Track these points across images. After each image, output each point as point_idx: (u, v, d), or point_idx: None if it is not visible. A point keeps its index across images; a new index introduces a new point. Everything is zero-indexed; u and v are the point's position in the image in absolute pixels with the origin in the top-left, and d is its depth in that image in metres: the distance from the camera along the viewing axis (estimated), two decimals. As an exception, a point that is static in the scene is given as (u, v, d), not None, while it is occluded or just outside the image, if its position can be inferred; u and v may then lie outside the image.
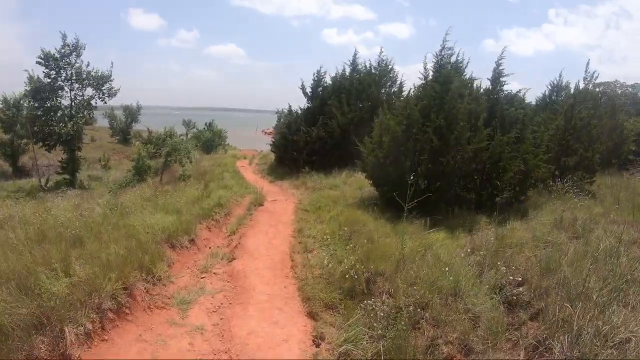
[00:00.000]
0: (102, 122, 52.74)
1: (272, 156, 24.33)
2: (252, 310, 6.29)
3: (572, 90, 18.02)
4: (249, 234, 10.06)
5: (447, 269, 6.32)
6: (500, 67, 12.29)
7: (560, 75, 20.36)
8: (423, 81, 11.66)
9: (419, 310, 5.51)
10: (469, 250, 7.84)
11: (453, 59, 11.69)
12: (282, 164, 22.33)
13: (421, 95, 11.17)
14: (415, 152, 10.59)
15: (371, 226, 9.09)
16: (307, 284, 6.96)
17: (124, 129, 49.30)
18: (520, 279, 6.24)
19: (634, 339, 4.38)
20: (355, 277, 6.43)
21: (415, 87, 12.26)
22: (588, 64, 16.39)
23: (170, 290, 6.80)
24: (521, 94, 13.20)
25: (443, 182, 10.59)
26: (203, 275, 7.56)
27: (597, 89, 25.10)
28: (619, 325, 4.58)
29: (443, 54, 11.50)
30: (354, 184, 15.63)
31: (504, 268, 6.48)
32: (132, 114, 50.39)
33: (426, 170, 10.44)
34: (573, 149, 15.03)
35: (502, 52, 12.29)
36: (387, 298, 5.95)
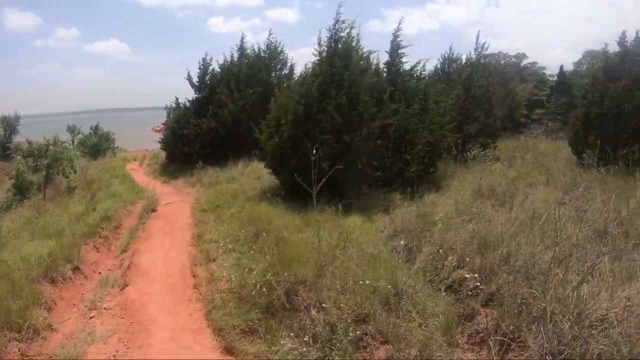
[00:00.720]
0: None
1: (164, 154, 22.58)
2: (154, 355, 5.06)
3: (463, 62, 18.42)
4: (143, 248, 8.69)
5: (377, 263, 5.47)
6: (399, 39, 11.69)
7: (450, 49, 20.75)
8: (318, 58, 10.69)
9: (359, 324, 4.54)
10: (390, 233, 7.10)
11: (349, 32, 10.63)
12: (174, 161, 20.55)
13: (317, 72, 10.22)
14: (317, 132, 9.68)
15: (278, 221, 8.02)
16: (215, 307, 5.79)
17: (2, 142, 44.73)
18: (455, 262, 5.51)
19: (612, 315, 3.70)
20: (270, 289, 5.37)
21: (306, 67, 11.31)
22: (478, 35, 16.94)
23: (53, 344, 5.35)
24: (420, 66, 12.69)
25: (349, 162, 9.74)
26: (92, 314, 6.14)
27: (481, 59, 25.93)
28: (589, 300, 3.90)
29: (337, 27, 10.53)
30: (252, 174, 14.45)
31: (439, 250, 5.76)
32: (10, 125, 45.57)
33: (330, 150, 9.57)
34: (474, 117, 14.98)
35: (400, 24, 11.73)
36: (317, 312, 4.84)
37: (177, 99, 21.11)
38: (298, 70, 19.26)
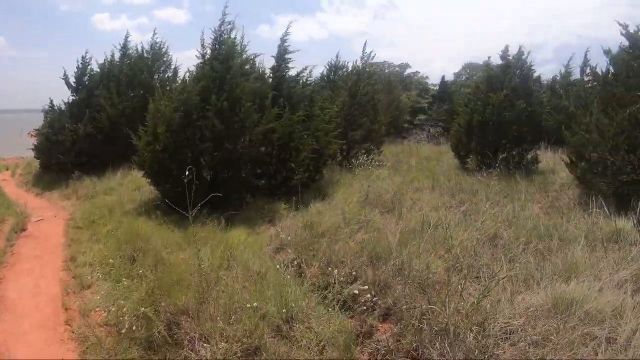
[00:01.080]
0: None
1: (37, 163, 20.81)
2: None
3: (349, 70, 18.67)
4: (10, 276, 7.64)
5: (264, 283, 5.19)
6: (286, 44, 11.49)
7: (337, 56, 20.85)
8: (201, 60, 10.20)
9: (250, 356, 4.17)
10: (277, 246, 6.85)
11: (234, 34, 10.30)
12: (48, 170, 18.81)
13: (199, 76, 9.75)
14: (197, 140, 9.23)
15: (157, 238, 7.46)
16: (90, 346, 5.10)
17: None
18: (346, 276, 5.34)
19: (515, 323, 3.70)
20: (149, 322, 4.85)
21: (189, 71, 10.80)
22: (365, 44, 17.34)
23: None
24: (307, 72, 12.56)
25: (232, 171, 9.40)
26: None
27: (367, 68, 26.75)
28: (490, 310, 3.90)
29: (222, 29, 10.08)
30: (131, 184, 13.55)
31: (329, 264, 5.63)
32: None
33: (211, 159, 9.16)
34: (359, 123, 15.16)
35: (288, 28, 11.53)
36: (202, 346, 4.36)
37: (51, 100, 19.22)
38: (182, 73, 18.57)
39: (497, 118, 12.56)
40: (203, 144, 9.16)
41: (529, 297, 4.30)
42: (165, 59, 19.76)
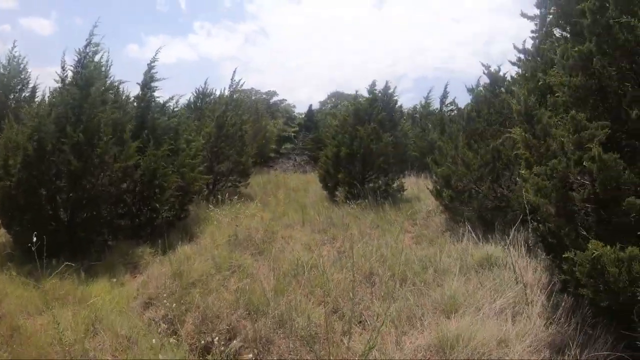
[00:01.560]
0: None
1: None
2: None
3: (217, 96, 18.44)
4: None
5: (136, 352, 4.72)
6: (153, 71, 10.92)
7: (205, 83, 20.64)
8: (60, 85, 9.24)
9: None
10: (145, 301, 6.31)
11: (97, 57, 9.46)
12: None
13: (57, 102, 8.87)
14: (53, 176, 8.40)
15: (11, 299, 6.37)
16: None
17: None
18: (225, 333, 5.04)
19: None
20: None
21: (50, 91, 9.86)
22: (235, 72, 17.39)
23: None
24: (174, 101, 12.06)
25: (91, 211, 8.63)
26: None
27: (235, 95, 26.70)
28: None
29: (88, 50, 9.20)
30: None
31: (204, 320, 5.31)
32: None
33: (68, 198, 8.37)
34: (226, 155, 14.89)
35: (156, 54, 10.99)
36: None
37: None
38: (44, 91, 16.94)
39: (365, 150, 13.02)
40: (59, 182, 8.36)
41: (414, 337, 4.40)
42: (22, 76, 17.73)
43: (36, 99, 17.02)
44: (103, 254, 8.29)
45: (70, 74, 9.21)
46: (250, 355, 4.54)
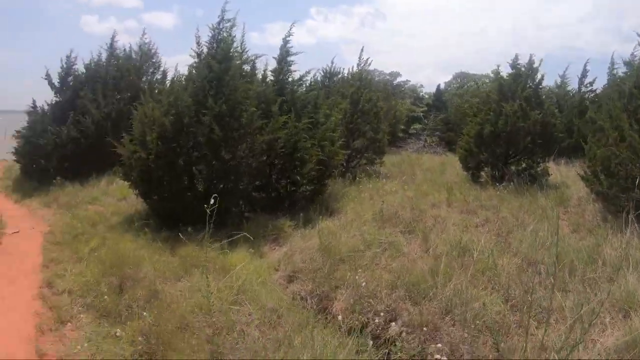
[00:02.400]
0: None
1: (18, 167, 19.70)
2: None
3: (345, 76, 17.98)
4: None
5: (286, 328, 4.28)
6: (288, 45, 10.53)
7: (332, 62, 20.17)
8: (196, 60, 9.18)
9: None
10: (289, 274, 5.94)
11: (234, 32, 9.13)
12: (29, 176, 17.67)
13: (193, 77, 8.77)
14: (190, 148, 8.26)
15: (149, 264, 6.34)
16: None
17: None
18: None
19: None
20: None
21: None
22: (362, 50, 16.39)
23: None
24: (310, 76, 11.63)
25: (230, 183, 8.42)
26: None
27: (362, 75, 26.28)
28: None
29: (221, 26, 9.02)
30: (116, 193, 12.48)
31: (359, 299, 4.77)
32: None
33: (207, 169, 8.19)
34: (361, 132, 14.32)
35: (291, 29, 10.58)
36: None
37: (33, 101, 18.04)
38: (171, 76, 17.67)
39: (511, 128, 11.75)
40: (197, 152, 8.21)
41: (597, 335, 3.78)
42: (154, 60, 18.85)
43: (167, 81, 17.34)
44: (240, 225, 8.03)
45: (205, 48, 9.12)
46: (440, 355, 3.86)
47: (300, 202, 9.04)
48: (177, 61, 24.88)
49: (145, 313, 4.84)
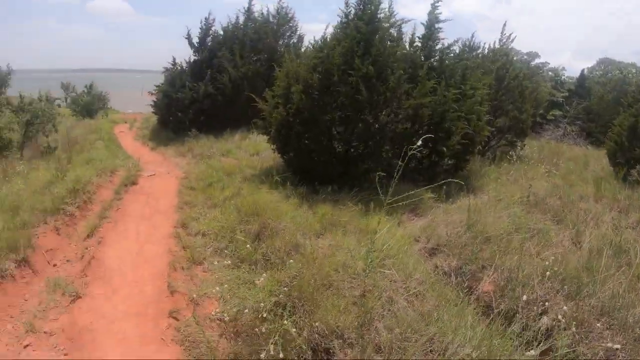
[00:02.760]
0: None
1: (155, 118, 20.79)
2: None
3: (485, 51, 16.91)
4: (112, 236, 6.77)
5: (435, 301, 3.96)
6: (437, 11, 9.83)
7: (472, 36, 19.03)
8: (344, 19, 8.82)
9: None
10: (431, 247, 5.57)
11: None
12: (165, 127, 18.89)
13: (340, 37, 8.42)
14: (334, 108, 7.94)
15: (288, 216, 6.18)
16: (199, 355, 3.90)
17: None
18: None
19: None
20: (286, 341, 3.53)
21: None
22: (505, 25, 15.20)
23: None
24: (459, 44, 10.89)
25: (371, 147, 8.03)
26: (27, 342, 4.19)
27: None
28: None
29: None
30: (249, 148, 12.72)
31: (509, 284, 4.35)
32: (1, 78, 43.94)
33: (348, 131, 7.84)
34: (504, 110, 13.35)
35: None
36: None
37: (174, 58, 19.21)
38: (306, 42, 17.72)
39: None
40: (340, 112, 7.88)
41: None
42: (291, 24, 18.94)
43: (303, 46, 17.79)
44: (377, 191, 7.67)
45: (352, 10, 8.70)
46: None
47: (440, 176, 8.47)
48: (308, 30, 25.07)
49: (291, 261, 4.66)
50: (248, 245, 5.33)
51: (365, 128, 7.78)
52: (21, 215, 6.46)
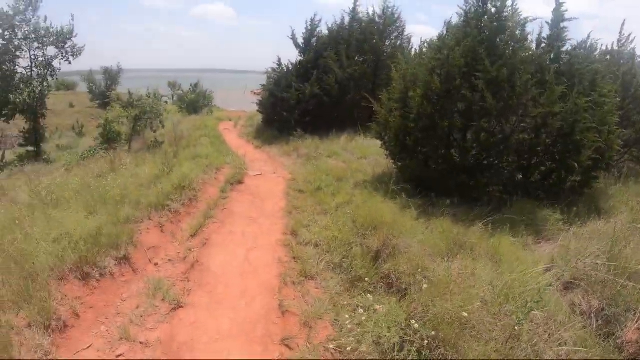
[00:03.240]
0: (83, 87, 49.01)
1: (260, 117, 21.10)
2: None
3: (602, 51, 15.53)
4: (217, 238, 6.69)
5: None
6: (562, 9, 9.02)
7: (588, 36, 17.61)
8: (463, 18, 8.26)
9: None
10: (567, 280, 4.86)
11: None
12: (270, 126, 19.15)
13: (459, 36, 7.85)
14: (455, 113, 7.45)
15: (408, 231, 5.66)
16: None
17: (103, 92, 45.40)
18: None
19: None
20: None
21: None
22: (623, 24, 13.77)
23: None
24: (589, 44, 10.00)
25: (494, 158, 7.46)
26: (120, 351, 4.02)
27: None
28: None
29: None
30: (356, 151, 12.43)
31: None
32: (112, 76, 46.77)
33: (472, 139, 7.31)
34: (631, 122, 12.17)
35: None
36: None
37: (279, 59, 19.48)
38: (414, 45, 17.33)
39: None
40: (462, 119, 7.37)
41: None
42: (397, 24, 18.43)
43: (410, 48, 17.48)
44: (498, 208, 7.04)
45: (473, 7, 8.14)
46: None
47: (565, 194, 7.73)
48: (410, 31, 24.45)
49: (424, 286, 4.15)
50: (367, 264, 4.96)
51: (488, 137, 7.21)
52: (126, 209, 6.52)
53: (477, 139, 7.21)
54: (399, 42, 18.25)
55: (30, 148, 22.61)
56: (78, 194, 7.28)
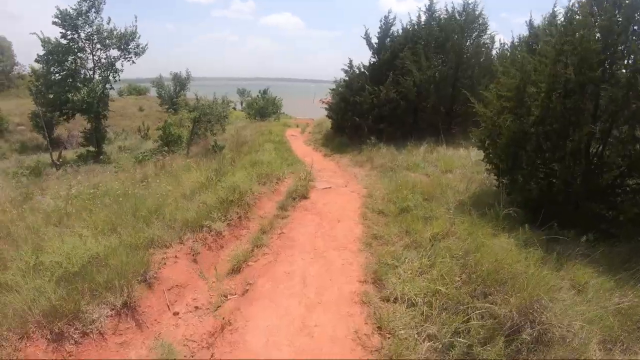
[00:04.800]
0: (154, 92, 50.30)
1: (329, 124, 19.57)
2: None
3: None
4: (265, 283, 4.86)
5: None
6: None
7: None
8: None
9: None
10: None
11: None
12: (340, 132, 17.57)
13: (585, 14, 5.86)
14: (594, 117, 5.52)
15: (539, 289, 3.62)
16: None
17: (171, 97, 46.73)
18: None
19: None
20: None
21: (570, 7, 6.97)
22: None
23: None
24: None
25: (635, 179, 5.45)
26: None
27: None
28: None
29: None
30: (439, 163, 10.41)
31: None
32: (180, 82, 47.97)
33: (617, 152, 5.34)
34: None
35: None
36: None
37: (350, 61, 18.01)
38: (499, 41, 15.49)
39: None
40: (602, 124, 5.46)
41: None
42: (480, 21, 16.37)
43: (495, 47, 16.29)
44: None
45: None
46: None
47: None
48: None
49: None
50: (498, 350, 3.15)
51: (620, 150, 5.25)
52: (153, 227, 5.08)
53: (631, 152, 5.21)
54: (481, 40, 16.28)
55: (91, 148, 22.73)
56: (104, 203, 5.97)
